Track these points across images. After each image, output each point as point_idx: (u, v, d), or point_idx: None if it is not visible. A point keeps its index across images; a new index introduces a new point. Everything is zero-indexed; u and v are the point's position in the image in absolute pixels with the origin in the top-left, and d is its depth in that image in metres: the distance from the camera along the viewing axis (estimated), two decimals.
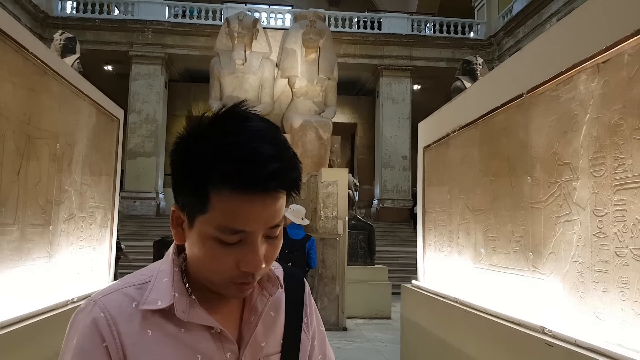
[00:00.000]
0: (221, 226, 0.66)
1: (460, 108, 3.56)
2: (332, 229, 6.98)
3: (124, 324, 0.70)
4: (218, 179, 0.64)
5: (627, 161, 1.76)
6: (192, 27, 17.61)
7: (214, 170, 0.64)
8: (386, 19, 18.97)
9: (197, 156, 0.66)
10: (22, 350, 2.17)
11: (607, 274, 1.85)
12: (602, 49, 1.90)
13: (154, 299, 0.72)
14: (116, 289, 0.74)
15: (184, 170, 0.68)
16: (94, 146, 3.19)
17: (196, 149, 0.66)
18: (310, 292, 0.92)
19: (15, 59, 2.24)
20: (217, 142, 0.65)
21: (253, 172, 0.64)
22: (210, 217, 0.66)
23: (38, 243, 2.48)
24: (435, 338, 3.58)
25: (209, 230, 0.67)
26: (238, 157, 0.64)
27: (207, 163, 0.65)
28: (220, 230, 0.66)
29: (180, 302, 0.72)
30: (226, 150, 0.64)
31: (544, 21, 14.93)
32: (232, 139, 0.65)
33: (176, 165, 0.70)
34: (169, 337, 0.71)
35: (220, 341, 0.74)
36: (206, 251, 0.68)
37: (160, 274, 0.75)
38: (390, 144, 18.23)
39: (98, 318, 0.69)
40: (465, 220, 3.28)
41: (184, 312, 0.71)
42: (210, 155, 0.65)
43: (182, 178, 0.69)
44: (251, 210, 0.65)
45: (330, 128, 10.31)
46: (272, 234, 0.70)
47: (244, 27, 10.01)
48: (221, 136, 0.66)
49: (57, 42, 7.10)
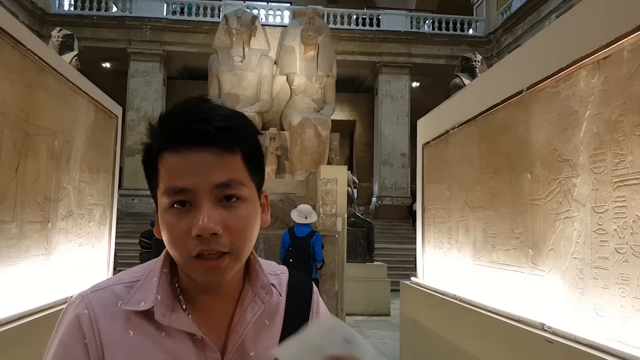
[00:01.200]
0: (167, 189, 0.67)
1: (459, 105, 3.55)
2: (331, 227, 6.98)
3: (106, 323, 0.69)
4: (160, 146, 0.68)
5: (627, 158, 1.76)
6: (191, 24, 17.56)
7: (157, 140, 0.68)
8: (385, 16, 18.94)
9: (152, 131, 0.70)
10: (20, 348, 2.16)
11: (607, 270, 1.85)
12: (602, 45, 1.89)
13: (138, 299, 0.70)
14: (106, 285, 0.73)
15: (144, 150, 0.72)
16: (92, 143, 3.18)
17: (152, 126, 0.71)
18: (319, 296, 0.87)
19: (13, 56, 2.23)
20: (166, 114, 0.69)
21: (184, 128, 0.66)
22: (161, 187, 0.68)
23: (36, 240, 2.47)
24: (434, 335, 3.58)
25: (162, 202, 0.68)
26: (171, 118, 0.68)
27: (153, 137, 0.69)
28: (167, 195, 0.67)
29: (161, 305, 0.69)
30: (164, 117, 0.69)
31: (542, 18, 14.92)
32: (174, 109, 0.69)
33: (145, 146, 0.72)
34: (149, 340, 0.69)
35: (202, 349, 0.70)
36: (166, 226, 0.68)
37: (151, 273, 0.74)
38: (389, 141, 18.23)
39: (82, 314, 0.69)
40: (464, 217, 3.28)
41: (164, 316, 0.69)
42: (159, 125, 0.69)
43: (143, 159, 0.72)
44: (187, 165, 0.66)
45: (329, 125, 10.29)
46: (226, 197, 0.67)
47: (242, 24, 9.97)
48: (171, 111, 0.69)
49: (54, 39, 7.07)
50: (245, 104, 9.85)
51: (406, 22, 18.80)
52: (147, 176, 0.72)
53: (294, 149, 9.89)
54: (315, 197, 7.10)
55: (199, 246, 0.66)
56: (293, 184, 8.29)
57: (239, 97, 9.91)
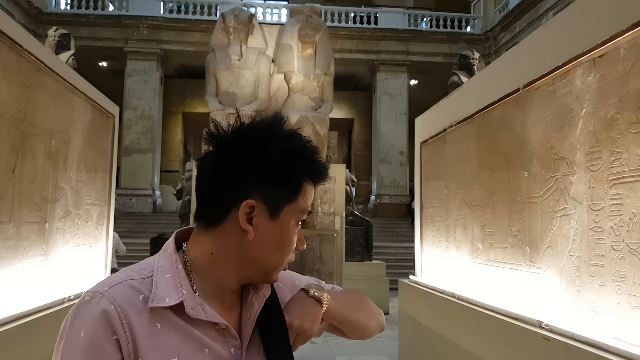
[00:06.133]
0: (304, 209, 0.82)
1: (457, 103, 3.55)
2: (329, 225, 6.98)
3: (134, 317, 0.70)
4: (309, 173, 0.81)
5: (623, 155, 1.76)
6: (188, 22, 17.50)
7: (309, 168, 0.81)
8: (383, 14, 18.91)
9: (291, 156, 0.79)
10: (18, 348, 2.16)
11: (604, 267, 1.86)
12: (598, 43, 1.89)
13: (162, 295, 0.72)
14: (120, 280, 0.73)
15: (276, 167, 0.78)
16: (89, 143, 3.18)
17: (286, 150, 0.78)
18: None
19: (9, 56, 2.22)
20: (301, 145, 0.80)
21: (325, 173, 0.84)
22: (297, 204, 0.80)
23: (34, 241, 2.47)
24: (433, 333, 3.59)
25: (294, 215, 0.80)
26: (320, 162, 0.83)
27: (304, 160, 0.80)
28: (303, 212, 0.82)
29: (188, 299, 0.74)
30: (310, 152, 0.82)
31: (540, 15, 14.92)
32: (305, 143, 0.81)
33: (264, 162, 0.77)
34: (179, 331, 0.72)
35: (224, 336, 0.77)
36: (287, 236, 0.81)
37: (160, 270, 0.75)
38: (387, 139, 18.23)
39: (109, 310, 0.69)
40: (462, 215, 3.28)
41: (192, 309, 0.73)
42: (302, 155, 0.80)
43: (273, 174, 0.78)
44: (312, 196, 0.84)
45: (327, 124, 10.27)
46: None
47: (239, 22, 9.94)
48: (306, 141, 0.82)
49: (51, 39, 7.04)
50: (242, 102, 9.84)
51: (404, 20, 18.78)
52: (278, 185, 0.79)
53: None
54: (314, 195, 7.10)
55: (292, 257, 0.84)
56: None
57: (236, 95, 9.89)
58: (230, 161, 0.77)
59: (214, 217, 0.78)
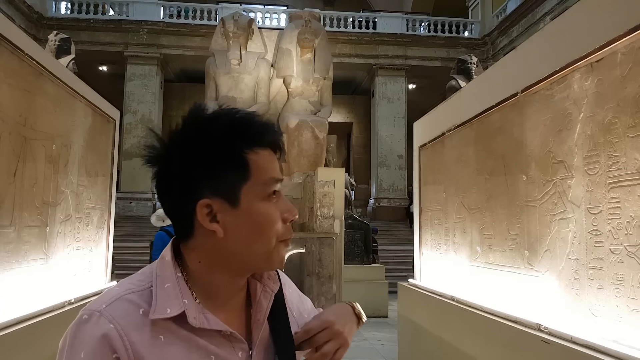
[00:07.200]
0: (267, 180, 0.74)
1: (455, 107, 3.57)
2: (328, 228, 6.99)
3: (135, 333, 0.68)
4: (251, 142, 0.73)
5: (621, 159, 1.78)
6: (187, 27, 17.56)
7: (246, 136, 0.73)
8: (381, 19, 18.99)
9: (220, 136, 0.73)
10: (19, 352, 2.16)
11: (602, 271, 1.87)
12: (596, 47, 1.91)
13: (163, 306, 0.71)
14: (118, 296, 0.72)
15: (211, 155, 0.72)
16: (90, 147, 3.19)
17: (211, 133, 0.73)
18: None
19: (10, 60, 2.23)
20: (235, 116, 0.74)
21: (268, 130, 0.76)
22: (254, 180, 0.73)
23: (35, 245, 2.47)
24: (432, 336, 3.59)
25: (258, 193, 0.74)
26: (259, 122, 0.76)
27: (238, 132, 0.73)
28: (267, 184, 0.75)
29: (190, 308, 0.72)
30: (248, 119, 0.75)
31: (537, 20, 14.99)
32: (243, 114, 0.75)
33: (198, 157, 0.72)
34: (183, 341, 0.71)
35: (230, 341, 0.75)
36: (260, 217, 0.74)
37: (159, 279, 0.74)
38: (386, 143, 18.26)
39: (108, 329, 0.67)
40: (461, 219, 3.30)
41: (195, 318, 0.71)
42: (237, 125, 0.74)
43: (211, 163, 0.72)
44: (275, 162, 0.77)
45: (326, 127, 10.30)
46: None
47: (239, 27, 9.97)
48: (232, 114, 0.75)
49: (51, 43, 7.07)
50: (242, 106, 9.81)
51: (402, 25, 18.87)
52: (222, 171, 0.73)
53: (291, 151, 9.90)
54: (313, 199, 7.11)
55: (286, 231, 0.77)
56: (290, 186, 8.30)
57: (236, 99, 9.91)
58: (170, 173, 0.74)
59: (184, 231, 0.76)
